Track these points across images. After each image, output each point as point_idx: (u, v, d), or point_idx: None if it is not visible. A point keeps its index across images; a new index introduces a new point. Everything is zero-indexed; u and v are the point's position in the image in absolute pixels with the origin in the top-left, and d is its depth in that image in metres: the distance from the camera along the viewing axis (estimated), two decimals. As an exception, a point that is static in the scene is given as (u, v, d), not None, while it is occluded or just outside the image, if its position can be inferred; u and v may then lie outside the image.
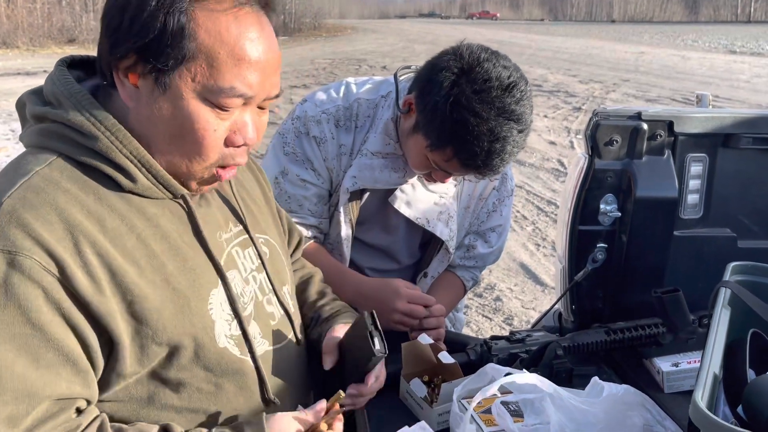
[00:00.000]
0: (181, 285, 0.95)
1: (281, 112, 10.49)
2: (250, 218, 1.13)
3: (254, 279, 1.09)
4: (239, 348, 1.02)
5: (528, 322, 3.92)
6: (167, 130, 0.90)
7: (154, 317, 0.91)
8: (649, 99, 11.63)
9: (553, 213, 5.82)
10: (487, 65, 1.30)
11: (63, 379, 0.85)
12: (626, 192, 1.54)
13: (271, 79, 0.93)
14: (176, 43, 0.85)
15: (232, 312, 1.01)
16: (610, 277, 1.60)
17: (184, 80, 0.86)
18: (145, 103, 0.89)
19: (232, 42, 0.87)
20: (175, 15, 0.84)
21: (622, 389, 1.09)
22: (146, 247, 0.92)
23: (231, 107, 0.90)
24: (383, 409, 1.34)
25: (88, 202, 0.89)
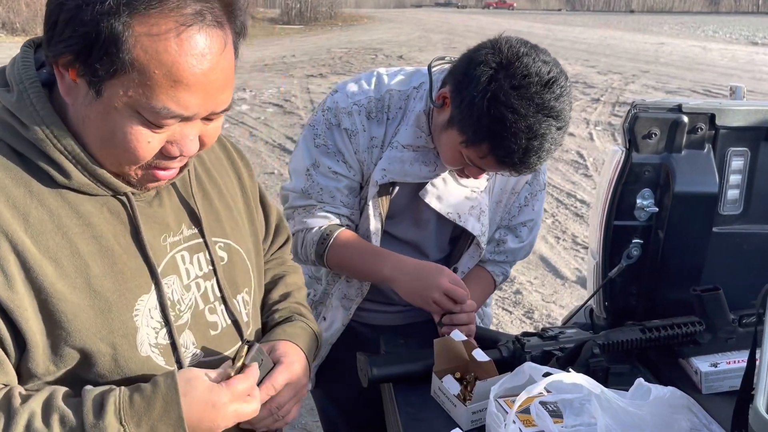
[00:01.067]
0: (104, 288, 0.91)
1: (298, 101, 10.48)
2: (211, 221, 1.07)
3: (197, 286, 1.03)
4: (165, 357, 0.97)
5: (548, 316, 3.89)
6: (99, 133, 0.87)
7: (68, 319, 0.87)
8: (669, 90, 11.47)
9: (573, 205, 5.76)
10: (526, 60, 1.26)
11: None
12: (664, 187, 1.50)
13: (216, 97, 0.88)
14: (109, 55, 0.80)
15: (163, 320, 0.97)
16: (645, 273, 1.56)
17: (116, 92, 0.83)
18: (81, 101, 0.86)
19: (170, 63, 0.82)
20: (111, 26, 0.79)
21: (668, 391, 1.06)
22: (71, 247, 0.89)
23: (166, 125, 0.86)
24: (414, 405, 1.32)
25: (16, 194, 0.87)
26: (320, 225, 1.54)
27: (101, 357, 0.91)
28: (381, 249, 1.53)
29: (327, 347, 1.68)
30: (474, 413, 1.23)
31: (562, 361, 1.35)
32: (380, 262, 1.49)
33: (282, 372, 1.05)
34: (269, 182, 6.33)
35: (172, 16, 0.81)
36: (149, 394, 0.88)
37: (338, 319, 1.64)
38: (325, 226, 1.53)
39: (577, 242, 5.00)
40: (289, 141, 7.88)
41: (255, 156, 7.25)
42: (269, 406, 1.05)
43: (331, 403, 1.84)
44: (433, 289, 1.41)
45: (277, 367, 1.06)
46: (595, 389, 0.98)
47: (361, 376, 1.39)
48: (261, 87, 11.99)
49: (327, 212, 1.53)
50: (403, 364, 1.39)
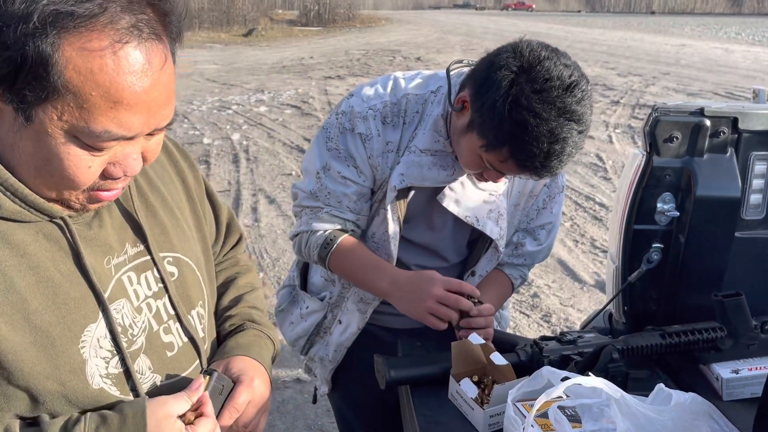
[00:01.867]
0: (45, 323, 0.85)
1: (316, 102, 10.52)
2: (157, 235, 1.02)
3: (149, 307, 0.99)
4: (118, 387, 0.93)
5: (566, 320, 3.86)
6: (32, 161, 0.80)
7: (9, 359, 0.82)
8: (690, 93, 11.35)
9: (591, 208, 5.72)
10: (547, 63, 1.25)
11: None
12: (685, 191, 1.49)
13: (159, 114, 0.82)
14: (38, 79, 0.73)
15: (114, 347, 0.92)
16: (666, 278, 1.55)
17: (49, 116, 0.76)
18: (8, 128, 0.79)
19: (107, 83, 0.75)
20: (37, 48, 0.72)
21: (689, 397, 1.05)
22: (5, 281, 0.83)
23: (107, 147, 0.81)
24: (431, 408, 1.32)
25: None
26: (325, 229, 1.54)
27: (49, 395, 0.86)
28: (380, 261, 1.52)
29: (343, 351, 1.68)
30: (491, 417, 1.22)
31: (580, 365, 1.34)
32: (379, 276, 1.49)
33: (243, 392, 1.03)
34: (287, 183, 6.36)
35: (105, 32, 0.75)
36: (116, 427, 0.86)
37: (354, 322, 1.64)
38: (329, 231, 1.54)
39: (595, 246, 4.96)
40: (307, 142, 7.90)
41: (273, 157, 7.29)
42: (235, 427, 1.03)
43: (347, 406, 1.84)
44: (426, 299, 1.38)
45: (237, 387, 1.03)
46: (615, 394, 0.97)
47: (379, 378, 1.39)
48: (279, 88, 12.05)
49: (333, 216, 1.54)
50: (421, 366, 1.39)
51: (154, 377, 0.98)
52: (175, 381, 1.01)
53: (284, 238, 5.05)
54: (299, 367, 3.24)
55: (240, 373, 1.05)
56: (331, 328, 1.68)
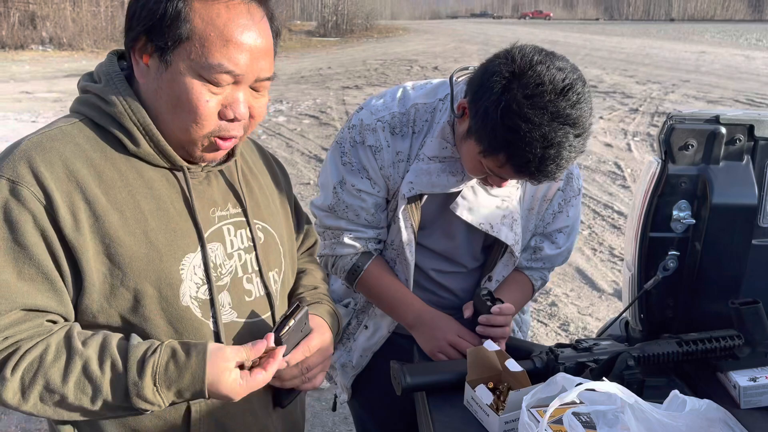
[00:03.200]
0: (159, 241, 1.06)
1: (334, 112, 10.59)
2: (252, 204, 1.22)
3: (239, 256, 1.18)
4: (202, 311, 1.11)
5: (584, 329, 3.84)
6: (169, 101, 1.03)
7: (126, 262, 1.03)
8: (710, 100, 11.24)
9: (610, 217, 5.69)
10: (540, 68, 1.24)
11: (40, 293, 0.99)
12: (701, 198, 1.48)
13: (260, 62, 1.05)
14: (174, 26, 0.99)
15: (205, 277, 1.11)
16: (682, 286, 1.54)
17: (182, 58, 1.00)
18: (153, 78, 1.04)
19: (221, 25, 1.00)
20: (174, 3, 0.99)
21: (704, 404, 1.05)
22: (135, 202, 1.05)
23: (221, 83, 1.02)
24: (447, 414, 1.33)
25: (93, 156, 1.04)
26: (349, 254, 1.60)
27: (148, 299, 1.05)
28: (407, 294, 1.60)
29: (368, 356, 1.69)
30: (507, 423, 1.23)
31: (595, 372, 1.34)
32: (405, 310, 1.58)
33: (316, 338, 1.21)
34: (305, 192, 6.41)
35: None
36: (182, 365, 1.03)
37: (383, 326, 1.66)
38: (355, 258, 1.61)
39: (614, 254, 4.93)
40: (325, 152, 7.96)
41: (291, 166, 7.34)
42: (301, 366, 1.20)
43: (366, 413, 1.85)
44: (440, 338, 1.50)
45: (312, 333, 1.22)
46: (629, 399, 0.98)
47: (395, 384, 1.40)
48: (298, 99, 12.15)
49: (356, 239, 1.58)
50: (437, 373, 1.40)
51: (233, 313, 1.15)
52: (249, 321, 1.18)
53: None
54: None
55: (315, 326, 1.24)
56: (355, 334, 1.70)
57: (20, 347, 0.98)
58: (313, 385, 1.24)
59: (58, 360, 0.98)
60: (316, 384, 1.25)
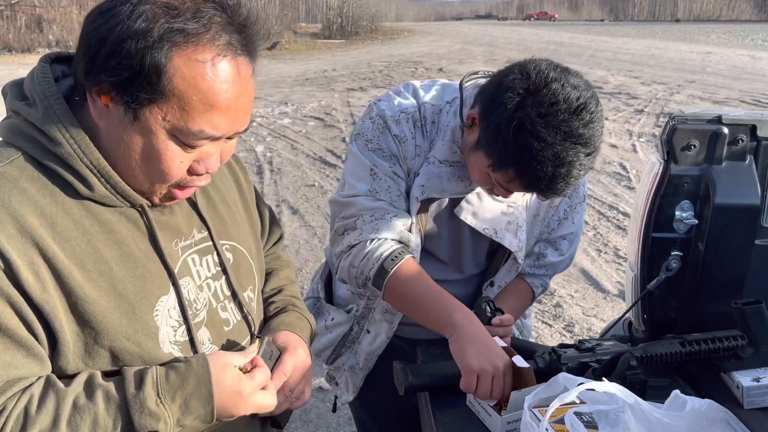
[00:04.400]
0: (127, 291, 0.97)
1: (339, 114, 10.60)
2: (217, 224, 1.15)
3: (209, 286, 1.11)
4: (184, 353, 1.04)
5: (589, 330, 3.84)
6: (133, 155, 0.93)
7: (97, 320, 0.94)
8: (716, 101, 11.21)
9: (615, 218, 5.67)
10: (554, 86, 1.23)
11: (18, 361, 0.90)
12: (704, 199, 1.48)
13: (242, 119, 0.96)
14: (150, 85, 0.87)
15: (182, 318, 1.04)
16: (685, 286, 1.55)
17: (155, 116, 0.90)
18: (116, 126, 0.92)
19: (206, 89, 0.89)
20: (154, 58, 0.86)
21: (705, 404, 1.05)
22: (95, 252, 0.95)
23: (198, 146, 0.94)
24: (450, 415, 1.33)
25: (43, 203, 0.92)
26: (392, 236, 1.47)
27: (128, 355, 0.98)
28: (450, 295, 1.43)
29: (373, 359, 1.69)
30: (509, 423, 1.23)
31: (598, 372, 1.34)
32: (452, 307, 1.39)
33: (288, 358, 1.15)
34: (310, 194, 6.42)
35: (208, 47, 0.89)
36: (183, 371, 0.98)
37: (383, 331, 1.65)
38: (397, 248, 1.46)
39: (619, 255, 4.92)
40: (330, 154, 7.97)
41: (296, 168, 7.36)
42: (283, 390, 1.14)
43: (368, 414, 1.86)
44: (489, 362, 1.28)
45: (284, 355, 1.16)
46: (629, 399, 0.98)
47: (398, 384, 1.41)
48: (302, 101, 12.18)
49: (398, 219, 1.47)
50: (440, 373, 1.40)
51: (213, 348, 1.10)
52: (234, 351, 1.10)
53: (307, 248, 5.09)
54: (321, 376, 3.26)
55: (285, 344, 1.18)
56: (359, 338, 1.69)
57: (5, 406, 0.90)
58: (302, 402, 1.20)
59: (44, 406, 0.90)
60: (305, 399, 1.21)
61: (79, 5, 25.74)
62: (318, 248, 5.08)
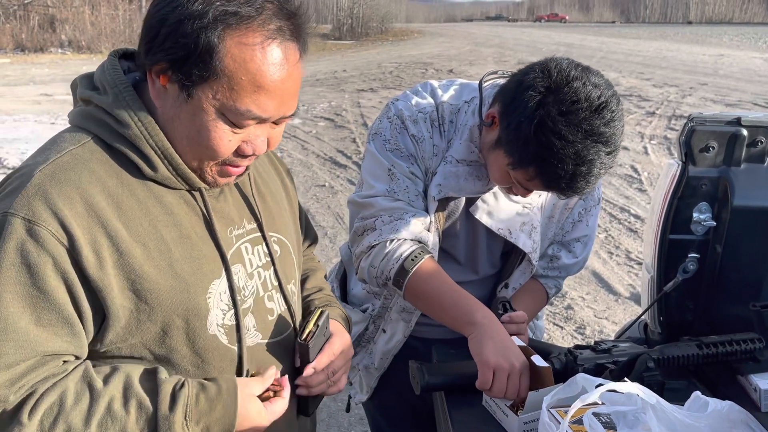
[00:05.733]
0: (184, 271, 1.02)
1: (349, 115, 10.62)
2: (267, 216, 1.18)
3: (259, 275, 1.15)
4: (228, 337, 1.08)
5: (601, 332, 3.82)
6: (187, 132, 0.98)
7: (153, 297, 0.99)
8: (728, 103, 11.13)
9: (626, 220, 5.65)
10: (576, 84, 1.23)
11: (59, 337, 0.94)
12: (722, 201, 1.48)
13: (288, 103, 1.00)
14: (203, 64, 0.92)
15: (231, 303, 1.08)
16: (702, 288, 1.54)
17: (207, 95, 0.94)
18: (170, 105, 0.98)
19: (254, 70, 0.94)
20: (207, 38, 0.91)
21: (726, 405, 1.04)
22: (157, 232, 1.00)
23: (246, 126, 0.98)
24: (466, 414, 1.33)
25: (110, 184, 0.98)
26: (412, 236, 1.47)
27: (175, 331, 1.02)
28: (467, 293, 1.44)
29: (389, 358, 1.69)
30: (525, 423, 1.23)
31: (615, 374, 1.34)
32: (473, 305, 1.39)
33: (337, 341, 1.22)
34: (320, 194, 6.43)
35: (258, 31, 0.94)
36: (213, 397, 1.01)
37: (399, 331, 1.66)
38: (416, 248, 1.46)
39: (630, 258, 4.90)
40: (340, 154, 7.98)
41: (306, 169, 7.38)
42: (327, 370, 1.19)
43: (381, 414, 1.86)
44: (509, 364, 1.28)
45: (333, 337, 1.22)
46: (651, 399, 0.98)
47: (414, 383, 1.41)
48: (313, 101, 12.20)
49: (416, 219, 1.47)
50: (456, 373, 1.40)
51: (257, 335, 1.13)
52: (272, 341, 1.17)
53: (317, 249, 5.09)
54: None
55: (334, 331, 1.24)
56: (374, 338, 1.70)
57: (36, 390, 0.92)
58: (338, 388, 1.23)
59: (79, 402, 0.93)
60: (341, 387, 1.24)
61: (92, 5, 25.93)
62: (329, 248, 5.09)
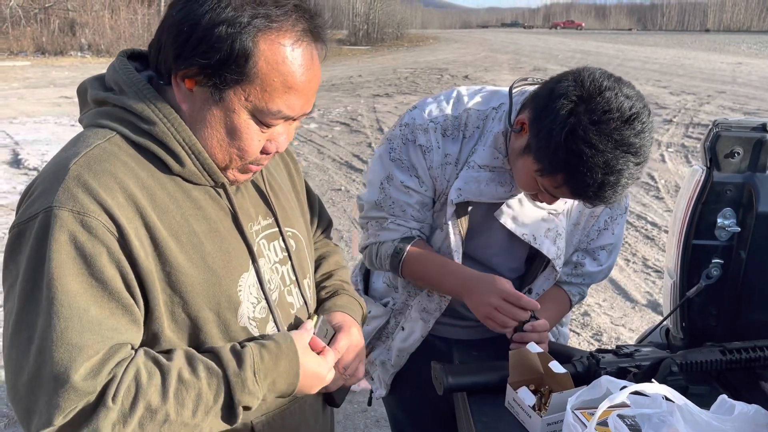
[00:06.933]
0: (216, 264, 1.03)
1: (364, 120, 10.65)
2: (281, 211, 1.20)
3: (277, 270, 1.16)
4: (259, 330, 1.10)
5: (618, 339, 3.81)
6: (215, 134, 1.00)
7: (187, 289, 1.00)
8: (747, 112, 11.04)
9: (643, 228, 5.62)
10: (608, 94, 1.24)
11: (125, 326, 0.95)
12: (747, 206, 1.48)
13: (311, 101, 1.04)
14: (238, 67, 0.94)
15: (261, 295, 1.10)
16: (726, 294, 1.54)
17: (239, 97, 0.96)
18: (198, 107, 0.99)
19: (286, 72, 0.96)
20: (243, 43, 0.93)
21: (753, 409, 1.04)
22: (189, 226, 1.01)
23: (275, 125, 1.01)
24: (488, 415, 1.34)
25: (142, 176, 0.98)
26: (392, 238, 1.58)
27: (209, 324, 1.03)
28: (449, 262, 1.55)
29: (405, 356, 1.71)
30: (549, 425, 1.24)
31: (638, 378, 1.34)
32: (449, 276, 1.52)
33: (343, 338, 1.21)
34: (336, 198, 6.46)
35: (289, 33, 0.97)
36: (275, 352, 1.04)
37: (417, 330, 1.67)
38: (397, 239, 1.57)
39: (647, 265, 4.87)
40: (356, 159, 8.01)
41: (322, 173, 7.41)
42: (337, 368, 1.19)
43: (403, 411, 1.87)
44: (485, 304, 1.43)
45: (338, 333, 1.21)
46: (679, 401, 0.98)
47: (436, 384, 1.42)
48: (329, 106, 12.25)
49: (398, 225, 1.58)
50: (478, 374, 1.41)
51: (283, 328, 1.15)
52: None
53: (334, 252, 5.12)
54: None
55: (340, 324, 1.24)
56: (393, 334, 1.71)
57: (115, 375, 0.92)
58: (357, 378, 1.26)
59: (153, 379, 0.94)
60: (359, 376, 1.27)
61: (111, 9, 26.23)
62: (344, 251, 5.10)
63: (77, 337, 0.89)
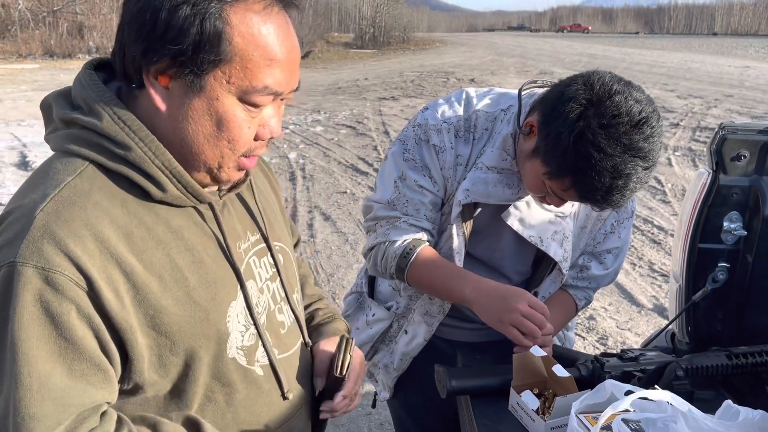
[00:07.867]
0: (202, 299, 0.96)
1: (370, 123, 10.66)
2: (269, 226, 1.13)
3: (268, 288, 1.10)
4: (247, 358, 1.04)
5: (623, 343, 3.79)
6: (201, 129, 0.91)
7: (173, 330, 0.93)
8: (755, 116, 10.99)
9: (650, 231, 5.60)
10: (618, 98, 1.24)
11: (95, 387, 0.88)
12: (753, 210, 1.47)
13: (296, 74, 0.96)
14: (212, 48, 0.86)
15: (249, 321, 1.03)
16: (732, 298, 1.53)
17: (219, 81, 0.88)
18: (179, 104, 0.90)
19: (263, 43, 0.89)
20: (211, 20, 0.85)
21: (758, 414, 1.03)
22: (171, 261, 0.93)
23: (263, 104, 0.93)
24: (491, 418, 1.33)
25: (116, 214, 0.90)
26: (403, 239, 1.56)
27: (197, 362, 0.97)
28: (462, 269, 1.53)
29: (408, 360, 1.70)
30: (552, 429, 1.23)
31: (643, 382, 1.33)
32: (461, 283, 1.48)
33: (358, 363, 1.22)
34: (341, 201, 6.46)
35: (257, 2, 0.89)
36: None
37: (420, 333, 1.66)
38: (408, 240, 1.55)
39: (653, 269, 4.85)
40: (362, 162, 8.01)
41: (328, 175, 7.42)
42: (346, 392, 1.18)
43: (406, 413, 1.86)
44: (512, 311, 1.38)
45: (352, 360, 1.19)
46: (682, 407, 0.97)
47: (440, 387, 1.41)
48: (335, 109, 12.27)
49: (411, 225, 1.56)
50: (482, 377, 1.41)
51: (273, 351, 1.09)
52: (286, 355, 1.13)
53: (339, 254, 5.12)
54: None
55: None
56: (396, 337, 1.71)
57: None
58: (354, 406, 1.24)
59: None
60: (357, 403, 1.25)
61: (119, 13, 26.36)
62: (349, 254, 5.10)
63: (35, 407, 0.83)
